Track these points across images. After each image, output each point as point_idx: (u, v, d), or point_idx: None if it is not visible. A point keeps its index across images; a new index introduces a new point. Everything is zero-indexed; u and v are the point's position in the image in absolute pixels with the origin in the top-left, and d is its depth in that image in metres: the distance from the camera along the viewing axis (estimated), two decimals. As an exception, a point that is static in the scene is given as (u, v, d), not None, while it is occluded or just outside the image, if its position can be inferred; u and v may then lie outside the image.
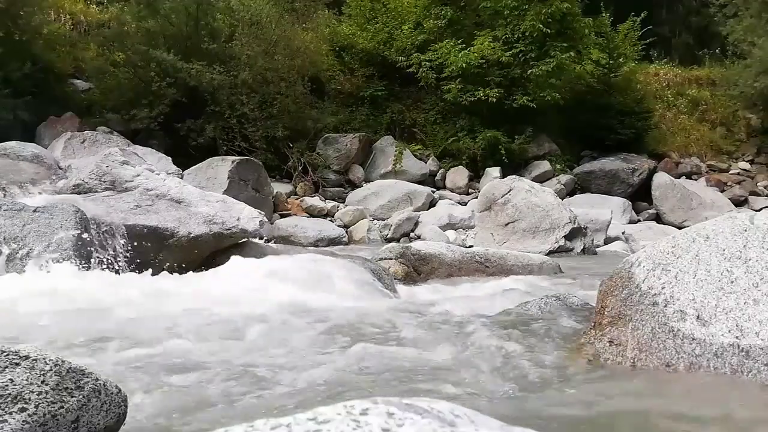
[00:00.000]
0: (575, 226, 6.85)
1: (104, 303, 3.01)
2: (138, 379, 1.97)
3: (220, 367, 2.11)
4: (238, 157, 8.73)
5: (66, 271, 3.33)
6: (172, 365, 2.13)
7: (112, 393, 1.38)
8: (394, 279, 4.21)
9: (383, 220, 9.50)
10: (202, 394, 1.89)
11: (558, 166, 11.96)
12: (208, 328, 2.67)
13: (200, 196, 4.56)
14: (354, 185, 11.04)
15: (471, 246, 6.93)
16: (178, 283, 3.63)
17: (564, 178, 11.67)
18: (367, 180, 11.14)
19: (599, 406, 1.82)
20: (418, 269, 4.57)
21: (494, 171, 11.02)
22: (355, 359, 2.24)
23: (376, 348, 2.39)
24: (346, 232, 9.01)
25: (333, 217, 9.65)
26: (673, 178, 11.57)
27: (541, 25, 11.27)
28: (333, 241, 8.45)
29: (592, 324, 2.31)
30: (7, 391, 1.23)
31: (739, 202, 11.90)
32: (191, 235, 4.12)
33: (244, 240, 4.55)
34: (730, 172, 13.24)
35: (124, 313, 2.85)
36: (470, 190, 11.18)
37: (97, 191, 4.50)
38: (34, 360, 1.30)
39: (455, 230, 9.03)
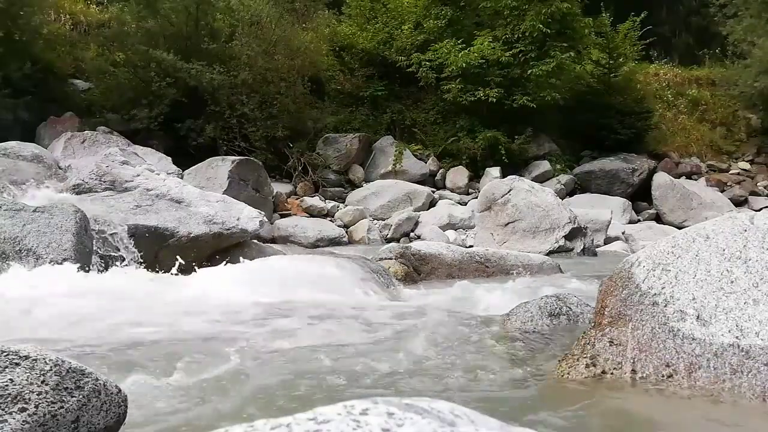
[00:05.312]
0: (575, 226, 6.85)
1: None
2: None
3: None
4: (238, 157, 8.72)
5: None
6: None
7: (112, 393, 1.38)
8: (394, 279, 4.21)
9: (383, 220, 9.49)
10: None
11: (558, 166, 11.95)
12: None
13: (200, 196, 4.56)
14: (354, 185, 11.03)
15: (471, 246, 6.93)
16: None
17: (564, 178, 11.66)
18: (367, 180, 11.13)
19: (599, 406, 1.82)
20: (418, 269, 4.57)
21: (494, 171, 11.01)
22: (348, 357, 2.24)
23: (373, 347, 2.39)
24: (346, 232, 9.01)
25: (333, 217, 9.64)
26: (673, 178, 11.56)
27: (541, 25, 11.28)
28: (333, 241, 8.45)
29: (592, 324, 2.31)
30: (7, 391, 1.23)
31: (739, 202, 11.89)
32: (191, 235, 4.12)
33: (243, 240, 4.55)
34: (730, 172, 13.24)
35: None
36: (470, 190, 11.17)
37: (97, 191, 4.51)
38: (34, 360, 1.29)
39: (455, 230, 9.03)
